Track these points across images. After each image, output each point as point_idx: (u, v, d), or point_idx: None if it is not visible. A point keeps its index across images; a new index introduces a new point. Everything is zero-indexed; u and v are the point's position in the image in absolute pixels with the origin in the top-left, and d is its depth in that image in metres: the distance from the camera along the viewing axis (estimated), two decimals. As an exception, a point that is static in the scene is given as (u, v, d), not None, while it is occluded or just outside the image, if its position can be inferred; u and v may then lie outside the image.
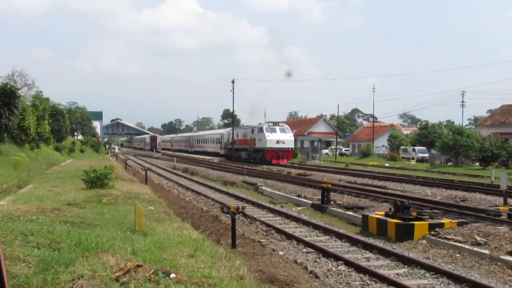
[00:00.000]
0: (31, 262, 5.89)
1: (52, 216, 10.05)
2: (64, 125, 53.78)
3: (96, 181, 17.76)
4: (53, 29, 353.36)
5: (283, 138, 47.18)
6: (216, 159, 59.55)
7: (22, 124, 33.32)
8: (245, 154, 54.65)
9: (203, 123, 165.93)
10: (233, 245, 10.39)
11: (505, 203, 16.92)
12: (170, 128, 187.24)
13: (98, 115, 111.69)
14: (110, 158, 50.28)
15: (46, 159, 37.47)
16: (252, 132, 51.43)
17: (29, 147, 36.67)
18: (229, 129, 64.41)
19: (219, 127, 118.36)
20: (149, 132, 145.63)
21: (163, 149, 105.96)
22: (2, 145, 28.25)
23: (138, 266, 6.11)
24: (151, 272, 5.98)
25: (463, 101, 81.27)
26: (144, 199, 16.19)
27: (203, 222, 14.29)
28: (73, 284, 5.34)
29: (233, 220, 10.67)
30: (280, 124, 50.86)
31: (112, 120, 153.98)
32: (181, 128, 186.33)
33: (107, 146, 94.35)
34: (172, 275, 6.05)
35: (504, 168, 40.42)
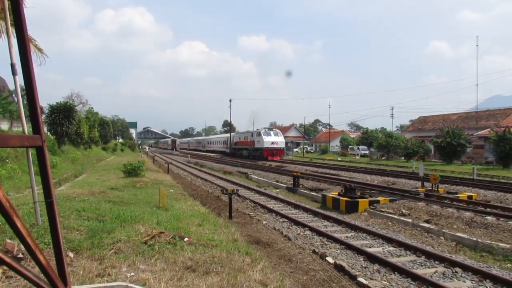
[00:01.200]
0: (82, 231, 5.79)
1: (99, 197, 9.91)
2: (109, 132, 53.18)
3: (132, 171, 17.56)
4: (102, 63, 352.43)
5: (276, 140, 45.12)
6: (218, 156, 59.06)
7: (78, 131, 32.89)
8: (246, 153, 51.25)
9: (209, 130, 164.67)
10: (230, 217, 10.33)
11: (422, 186, 17.04)
12: (186, 133, 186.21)
13: (134, 125, 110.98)
14: (142, 155, 49.83)
15: (96, 156, 37.00)
16: (252, 135, 48.83)
17: (83, 147, 36.17)
18: (234, 133, 61.62)
19: (221, 133, 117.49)
20: (171, 137, 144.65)
21: (182, 149, 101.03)
22: (64, 146, 27.82)
23: (161, 232, 6.04)
24: (170, 237, 5.91)
25: (392, 114, 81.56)
26: (166, 184, 16.05)
27: (208, 200, 14.19)
28: (113, 246, 5.26)
29: (230, 199, 10.62)
30: (274, 129, 48.53)
31: (144, 128, 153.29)
32: (193, 133, 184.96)
33: (140, 147, 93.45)
34: (186, 239, 5.99)
35: (421, 161, 40.73)
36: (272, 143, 44.68)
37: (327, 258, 6.99)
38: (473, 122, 49.87)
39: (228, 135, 63.25)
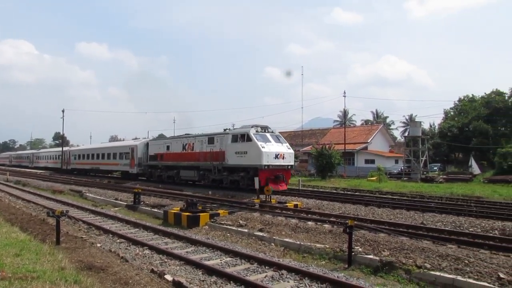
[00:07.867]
0: None
1: None
2: None
3: None
4: None
5: (282, 150, 21.81)
6: (47, 172, 51.55)
7: None
8: (195, 174, 26.28)
9: (36, 143, 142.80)
10: (57, 242, 9.21)
11: (258, 197, 18.47)
12: (5, 146, 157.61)
13: None
14: None
15: None
16: (214, 141, 24.28)
17: None
18: (147, 139, 36.41)
19: (51, 147, 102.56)
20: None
21: (14, 165, 77.07)
22: None
23: (-40, 269, 4.97)
24: (-26, 274, 4.92)
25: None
26: (-27, 209, 13.25)
27: (31, 225, 12.28)
28: None
29: (58, 222, 9.50)
30: (269, 129, 23.17)
31: None
32: (15, 146, 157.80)
33: None
34: (-4, 274, 5.08)
35: (258, 174, 44.18)
36: (277, 156, 21.42)
37: (165, 276, 6.90)
38: (300, 139, 57.30)
39: (135, 142, 36.48)
